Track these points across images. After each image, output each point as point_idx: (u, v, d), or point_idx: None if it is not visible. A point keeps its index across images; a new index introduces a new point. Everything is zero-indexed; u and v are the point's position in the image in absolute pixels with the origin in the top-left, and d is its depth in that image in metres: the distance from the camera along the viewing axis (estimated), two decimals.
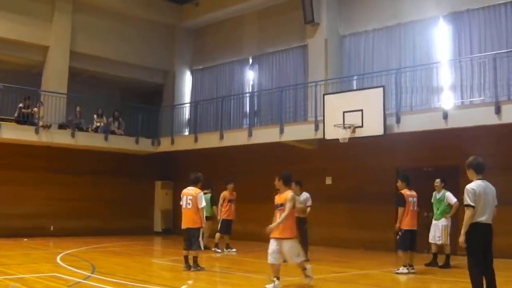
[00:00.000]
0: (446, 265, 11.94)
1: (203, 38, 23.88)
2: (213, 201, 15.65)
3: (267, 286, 8.59)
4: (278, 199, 9.08)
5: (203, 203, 11.07)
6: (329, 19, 18.43)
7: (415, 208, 11.12)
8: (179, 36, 24.10)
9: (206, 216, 15.11)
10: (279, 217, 8.81)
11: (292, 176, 9.41)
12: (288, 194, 8.93)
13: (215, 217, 15.62)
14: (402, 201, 10.96)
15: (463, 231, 6.95)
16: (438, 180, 12.44)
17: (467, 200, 6.94)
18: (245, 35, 22.02)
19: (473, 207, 6.89)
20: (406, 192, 11.07)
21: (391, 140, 15.36)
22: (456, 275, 10.76)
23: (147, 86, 24.38)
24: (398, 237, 11.07)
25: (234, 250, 15.45)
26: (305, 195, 13.18)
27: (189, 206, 11.04)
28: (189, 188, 11.27)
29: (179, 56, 24.08)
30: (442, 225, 12.16)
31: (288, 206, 8.76)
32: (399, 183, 11.27)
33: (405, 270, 10.82)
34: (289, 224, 8.85)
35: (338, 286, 9.69)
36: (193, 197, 11.01)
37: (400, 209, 10.95)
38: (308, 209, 13.10)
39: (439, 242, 12.21)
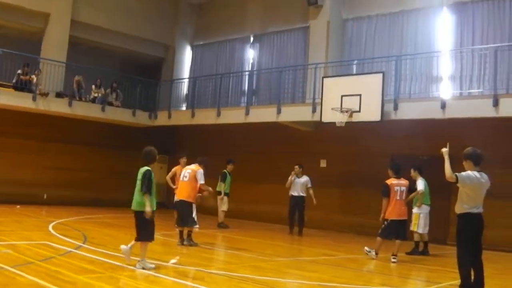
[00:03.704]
0: (415, 251, 12.03)
1: (206, 14, 23.70)
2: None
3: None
4: None
5: (202, 180, 11.06)
6: (332, 1, 18.32)
7: (402, 198, 10.76)
8: (182, 11, 23.94)
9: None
10: None
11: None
12: None
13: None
14: (385, 192, 10.72)
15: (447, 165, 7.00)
16: (412, 170, 12.23)
17: (460, 174, 6.96)
18: (248, 13, 21.87)
19: (456, 181, 6.91)
20: (391, 181, 10.80)
21: (387, 127, 15.39)
22: (444, 264, 10.86)
23: (147, 59, 24.27)
24: (383, 225, 11.00)
25: None
26: (305, 177, 15.18)
27: (185, 179, 11.09)
28: (191, 165, 11.32)
29: (181, 31, 23.94)
30: (413, 213, 12.13)
31: None
32: (389, 171, 11.05)
33: (374, 256, 10.83)
34: None
35: (326, 268, 9.76)
36: (192, 171, 11.07)
37: (384, 200, 10.71)
38: (311, 191, 15.25)
39: (410, 229, 12.09)
